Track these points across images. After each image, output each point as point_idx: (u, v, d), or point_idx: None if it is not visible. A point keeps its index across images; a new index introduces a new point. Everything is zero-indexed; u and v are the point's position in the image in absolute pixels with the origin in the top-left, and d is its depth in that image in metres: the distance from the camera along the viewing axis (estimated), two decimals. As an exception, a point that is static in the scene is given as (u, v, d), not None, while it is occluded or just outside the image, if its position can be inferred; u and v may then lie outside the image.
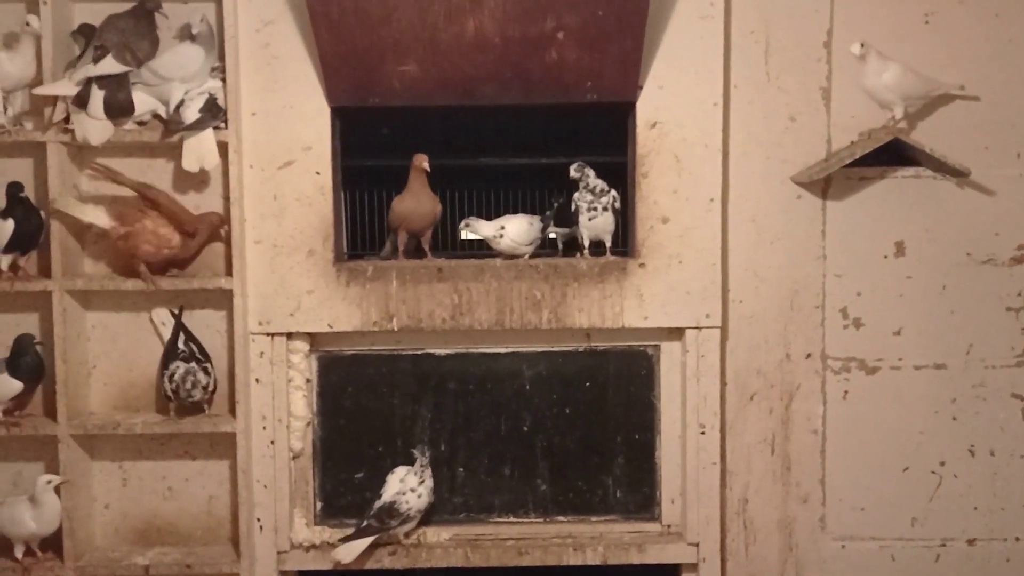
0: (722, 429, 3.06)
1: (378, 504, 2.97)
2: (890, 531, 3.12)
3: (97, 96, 2.82)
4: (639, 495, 3.15)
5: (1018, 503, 3.10)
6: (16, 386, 2.89)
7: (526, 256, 3.04)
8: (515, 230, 3.02)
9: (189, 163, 2.88)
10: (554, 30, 2.79)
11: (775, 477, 3.11)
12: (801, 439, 3.10)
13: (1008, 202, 3.04)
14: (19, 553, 2.94)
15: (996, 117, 3.01)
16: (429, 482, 3.00)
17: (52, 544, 2.97)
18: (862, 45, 2.83)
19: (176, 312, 3.00)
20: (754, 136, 3.01)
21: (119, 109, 2.85)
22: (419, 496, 2.97)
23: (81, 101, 2.82)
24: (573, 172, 3.00)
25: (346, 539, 2.97)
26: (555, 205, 3.10)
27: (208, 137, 2.87)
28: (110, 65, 2.82)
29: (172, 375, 2.91)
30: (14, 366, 2.89)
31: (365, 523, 2.96)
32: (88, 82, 2.82)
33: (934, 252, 3.05)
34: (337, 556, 2.97)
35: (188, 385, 2.91)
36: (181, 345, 2.96)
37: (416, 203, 3.01)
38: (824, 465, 3.10)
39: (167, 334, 3.00)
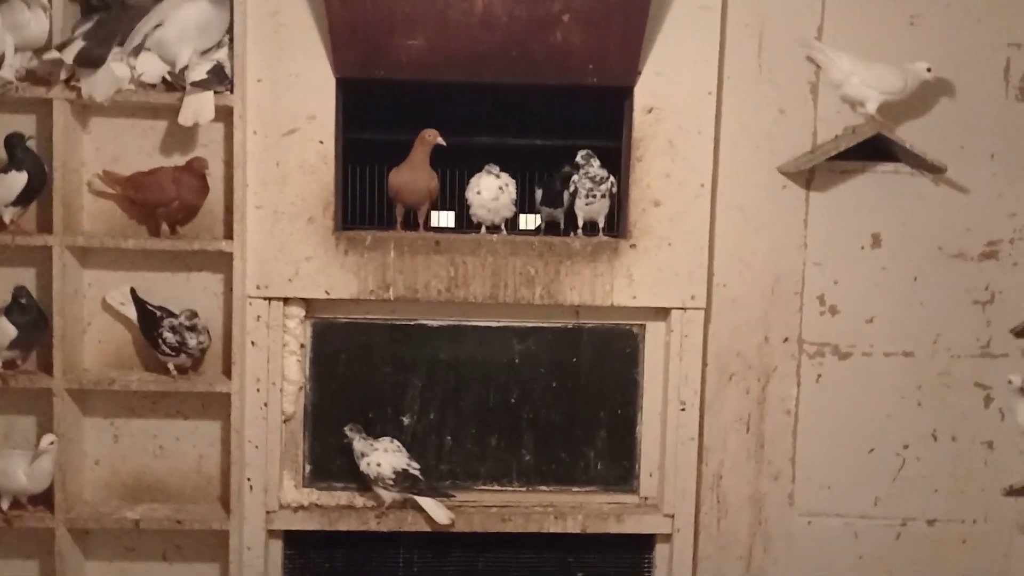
0: (701, 407, 3.17)
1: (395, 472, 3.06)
2: (854, 509, 3.25)
3: (76, 44, 2.81)
4: (619, 468, 3.26)
5: (977, 487, 3.24)
6: (11, 331, 2.87)
7: (496, 223, 3.08)
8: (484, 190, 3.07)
9: (184, 117, 2.89)
10: (560, 12, 2.86)
11: (749, 454, 3.23)
12: (775, 419, 3.22)
13: (980, 200, 3.18)
14: (5, 505, 2.95)
15: (973, 118, 3.14)
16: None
17: (43, 498, 2.98)
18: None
19: (131, 291, 3.03)
20: (745, 126, 3.10)
21: (92, 63, 2.84)
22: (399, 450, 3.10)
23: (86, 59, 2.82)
24: (580, 159, 3.05)
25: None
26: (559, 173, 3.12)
27: (207, 96, 2.90)
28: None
29: (173, 328, 2.93)
30: (12, 313, 2.88)
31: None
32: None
33: (908, 245, 3.18)
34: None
35: (193, 337, 2.94)
36: (155, 310, 2.98)
37: (412, 176, 3.06)
38: (795, 444, 3.23)
39: (128, 311, 3.02)
